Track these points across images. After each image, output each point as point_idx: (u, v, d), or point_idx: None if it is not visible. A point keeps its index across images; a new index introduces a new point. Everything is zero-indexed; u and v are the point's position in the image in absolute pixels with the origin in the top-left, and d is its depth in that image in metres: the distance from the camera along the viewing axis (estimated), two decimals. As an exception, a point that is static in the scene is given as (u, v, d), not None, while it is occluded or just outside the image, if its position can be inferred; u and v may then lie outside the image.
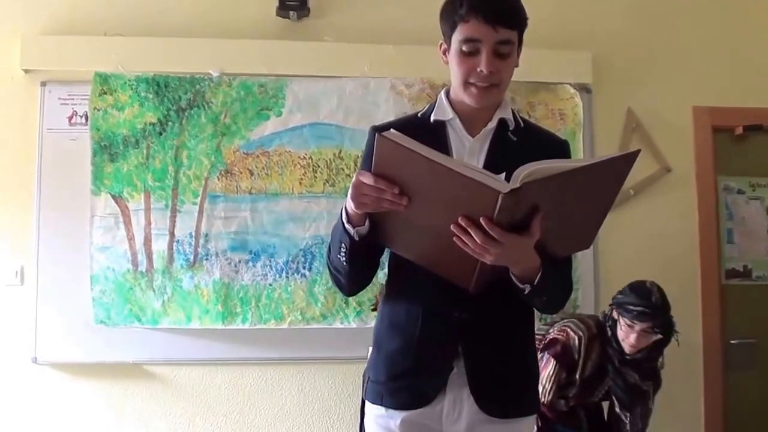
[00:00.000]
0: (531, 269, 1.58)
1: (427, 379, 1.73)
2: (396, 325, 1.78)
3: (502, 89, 1.72)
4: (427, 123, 1.77)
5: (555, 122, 3.64)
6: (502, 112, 1.76)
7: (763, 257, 3.90)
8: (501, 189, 1.38)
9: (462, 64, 1.69)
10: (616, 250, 3.70)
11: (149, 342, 3.46)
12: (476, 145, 1.75)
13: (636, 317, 2.77)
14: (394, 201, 1.49)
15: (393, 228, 1.61)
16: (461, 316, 1.70)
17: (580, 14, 3.82)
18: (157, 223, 3.47)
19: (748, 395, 3.80)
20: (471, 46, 1.66)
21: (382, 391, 1.78)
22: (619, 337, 2.84)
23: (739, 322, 3.83)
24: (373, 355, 1.84)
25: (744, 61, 3.89)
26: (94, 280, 3.41)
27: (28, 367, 3.42)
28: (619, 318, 2.84)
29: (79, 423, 3.45)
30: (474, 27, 1.65)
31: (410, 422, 1.74)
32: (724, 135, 3.89)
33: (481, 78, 1.67)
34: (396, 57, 3.60)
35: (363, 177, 1.50)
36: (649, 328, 2.78)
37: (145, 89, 3.50)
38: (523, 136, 1.77)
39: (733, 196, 3.91)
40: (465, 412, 1.72)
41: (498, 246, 1.46)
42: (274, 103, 3.55)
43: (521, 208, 1.45)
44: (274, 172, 3.52)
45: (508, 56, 1.67)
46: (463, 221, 1.45)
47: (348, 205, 1.58)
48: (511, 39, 1.66)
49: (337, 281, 1.79)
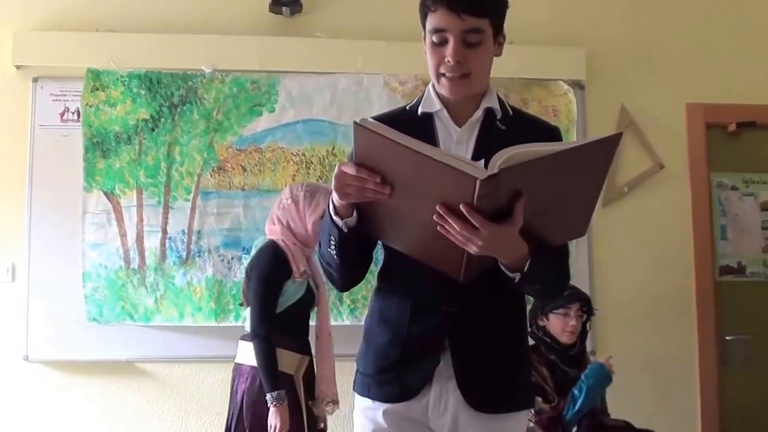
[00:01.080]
0: (519, 258, 1.56)
1: (413, 372, 1.71)
2: (386, 319, 1.77)
3: (476, 79, 1.69)
4: (415, 115, 1.75)
5: (548, 119, 3.52)
6: (488, 101, 1.74)
7: (757, 253, 3.90)
8: (478, 175, 1.36)
9: (432, 55, 1.67)
10: (609, 247, 3.70)
11: (142, 339, 3.44)
12: (463, 135, 1.73)
13: (567, 301, 2.97)
14: (377, 190, 1.47)
15: (380, 219, 1.60)
16: (450, 309, 1.69)
17: (574, 11, 3.83)
18: (150, 220, 3.46)
19: (743, 391, 3.79)
20: (439, 36, 1.64)
21: (370, 383, 1.77)
22: (556, 335, 2.99)
23: (733, 319, 3.83)
24: (362, 347, 1.84)
25: (737, 58, 3.89)
26: (86, 278, 3.40)
27: (19, 365, 3.41)
28: (548, 317, 3.02)
29: (71, 421, 3.44)
30: (440, 16, 1.62)
31: (396, 415, 1.72)
32: (718, 132, 3.89)
33: (450, 68, 1.65)
34: (389, 53, 3.59)
35: (345, 167, 1.49)
36: (579, 309, 3.00)
37: (138, 85, 3.49)
38: (511, 124, 1.75)
39: (726, 192, 3.91)
40: (451, 405, 1.70)
41: (479, 234, 1.44)
42: (266, 99, 3.54)
43: (502, 195, 1.43)
44: (267, 169, 3.51)
45: (478, 45, 1.64)
46: (441, 209, 1.44)
47: (333, 197, 1.57)
48: (480, 27, 1.63)
49: (330, 276, 1.78)
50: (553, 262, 1.68)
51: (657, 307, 3.71)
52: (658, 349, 3.66)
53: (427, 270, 1.64)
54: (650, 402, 3.51)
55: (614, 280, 3.72)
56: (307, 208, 2.88)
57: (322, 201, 2.83)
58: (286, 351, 2.84)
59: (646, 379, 3.55)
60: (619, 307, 3.65)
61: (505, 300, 1.72)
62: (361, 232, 1.63)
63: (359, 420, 1.80)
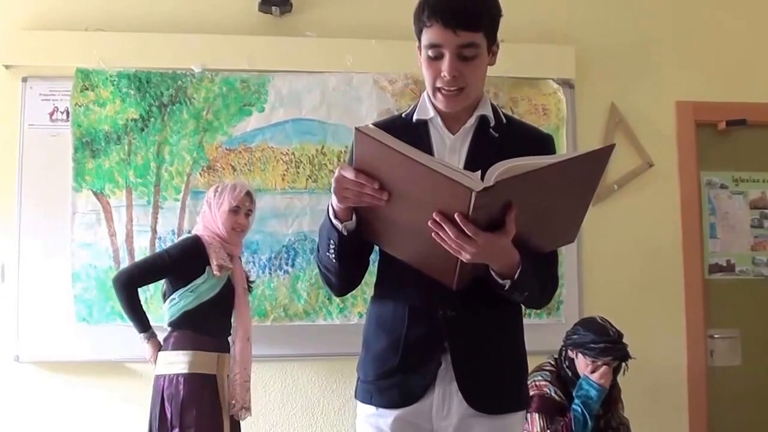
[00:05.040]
0: (510, 265, 1.58)
1: (415, 377, 1.73)
2: (383, 325, 1.79)
3: (471, 92, 1.71)
4: (409, 123, 1.78)
5: (538, 117, 3.64)
6: (481, 109, 1.76)
7: (746, 251, 3.92)
8: (474, 187, 1.38)
9: (428, 69, 1.69)
10: (599, 245, 3.71)
11: (132, 340, 3.39)
12: (456, 142, 1.75)
13: (600, 353, 2.85)
14: (375, 196, 1.50)
15: (378, 224, 1.61)
16: (447, 313, 1.70)
17: (563, 9, 3.83)
18: (139, 220, 3.46)
19: (731, 388, 3.81)
20: (435, 51, 1.66)
21: (372, 390, 1.78)
22: (580, 374, 2.89)
23: (722, 316, 3.85)
24: (362, 354, 1.85)
25: (727, 56, 3.90)
26: (75, 278, 3.40)
27: (9, 366, 3.41)
28: (577, 356, 2.91)
29: (61, 421, 3.44)
30: (435, 32, 1.64)
31: (400, 420, 1.73)
32: (707, 130, 3.90)
33: (446, 83, 1.67)
34: (379, 52, 3.59)
35: (344, 171, 1.52)
36: (611, 361, 2.86)
37: (127, 85, 3.48)
38: (505, 132, 1.77)
39: (716, 190, 3.92)
40: (454, 407, 1.72)
41: (473, 243, 1.46)
42: (256, 98, 3.54)
43: (497, 206, 1.46)
44: (256, 168, 3.51)
45: (473, 59, 1.66)
46: (437, 216, 1.46)
47: (332, 200, 1.59)
48: (475, 42, 1.65)
49: (328, 280, 1.79)
50: (543, 269, 1.69)
51: (646, 304, 3.72)
52: (646, 346, 3.65)
53: (423, 275, 1.66)
54: (639, 399, 3.51)
55: (603, 277, 3.73)
56: (216, 205, 3.00)
57: (226, 196, 2.99)
58: (204, 352, 2.90)
59: (635, 376, 3.55)
60: (608, 304, 3.63)
61: (501, 303, 1.72)
62: (360, 236, 1.64)
63: (363, 427, 1.81)
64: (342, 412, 3.55)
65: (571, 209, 1.59)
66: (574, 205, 1.58)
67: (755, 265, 3.91)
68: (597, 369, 2.85)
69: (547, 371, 2.94)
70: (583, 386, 2.83)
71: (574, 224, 1.64)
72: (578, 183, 1.53)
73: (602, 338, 2.87)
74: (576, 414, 2.81)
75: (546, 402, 2.85)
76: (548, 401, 2.85)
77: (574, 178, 1.51)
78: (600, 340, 2.86)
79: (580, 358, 2.89)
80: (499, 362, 1.75)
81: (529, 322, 2.58)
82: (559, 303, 3.60)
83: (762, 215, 3.94)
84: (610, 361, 2.86)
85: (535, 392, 2.86)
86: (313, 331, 3.49)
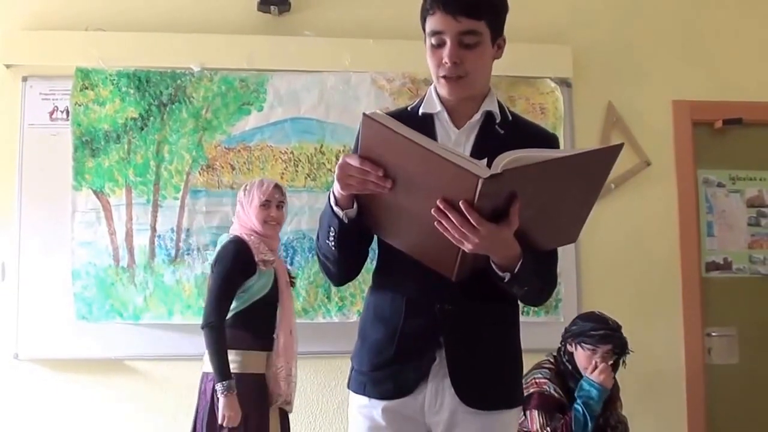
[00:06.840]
0: (511, 258, 1.58)
1: (409, 369, 1.73)
2: (380, 316, 1.79)
3: (474, 80, 1.72)
4: (415, 116, 1.79)
5: (535, 116, 3.65)
6: (488, 104, 1.77)
7: (743, 249, 3.93)
8: (481, 174, 1.38)
9: (432, 57, 1.71)
10: (597, 243, 3.72)
11: (131, 337, 3.45)
12: (461, 136, 1.75)
13: (599, 340, 2.87)
14: (379, 183, 1.50)
15: (379, 212, 1.62)
16: (444, 307, 1.71)
17: (561, 8, 3.84)
18: (139, 218, 3.47)
19: (728, 386, 3.82)
20: (437, 38, 1.68)
21: (365, 380, 1.78)
22: (580, 368, 2.91)
23: (719, 315, 3.86)
24: (357, 345, 1.85)
25: (723, 55, 3.92)
26: (75, 276, 3.41)
27: (9, 363, 3.42)
28: (577, 348, 2.92)
29: (61, 419, 3.45)
30: (437, 19, 1.67)
31: (392, 411, 1.74)
32: (704, 129, 3.91)
33: (447, 69, 1.68)
34: (377, 51, 3.61)
35: (349, 158, 1.53)
36: (610, 350, 2.88)
37: (127, 84, 3.50)
38: (510, 129, 1.77)
39: (713, 189, 3.94)
40: (447, 402, 1.72)
41: (476, 233, 1.46)
42: (255, 97, 3.56)
43: (501, 196, 1.46)
44: (255, 167, 3.53)
45: (475, 46, 1.67)
46: (441, 204, 1.46)
47: (335, 187, 1.60)
48: (477, 29, 1.66)
49: (326, 269, 1.79)
50: (543, 266, 1.70)
51: (643, 302, 3.73)
52: (644, 345, 3.66)
53: (422, 267, 1.66)
54: (637, 397, 3.52)
55: (601, 276, 3.74)
56: (247, 203, 2.99)
57: (255, 192, 2.98)
58: (255, 351, 2.89)
59: (633, 374, 3.56)
60: (606, 302, 3.63)
61: (499, 299, 1.73)
62: (360, 224, 1.65)
63: (355, 417, 1.81)
64: (340, 409, 3.55)
65: (574, 208, 1.59)
66: (577, 203, 1.58)
67: (752, 263, 3.93)
68: (596, 367, 2.85)
69: (546, 369, 2.95)
70: (585, 387, 2.83)
71: (577, 224, 1.64)
72: (584, 181, 1.53)
73: (601, 325, 2.90)
74: (577, 414, 2.81)
75: (545, 399, 2.85)
76: (548, 398, 2.86)
77: (580, 176, 1.51)
78: (599, 327, 2.90)
79: (579, 351, 2.90)
80: (494, 359, 1.75)
81: (528, 320, 2.60)
82: (558, 301, 3.62)
83: (759, 213, 3.95)
84: (609, 351, 2.87)
85: (535, 389, 2.86)
86: (311, 330, 3.49)
